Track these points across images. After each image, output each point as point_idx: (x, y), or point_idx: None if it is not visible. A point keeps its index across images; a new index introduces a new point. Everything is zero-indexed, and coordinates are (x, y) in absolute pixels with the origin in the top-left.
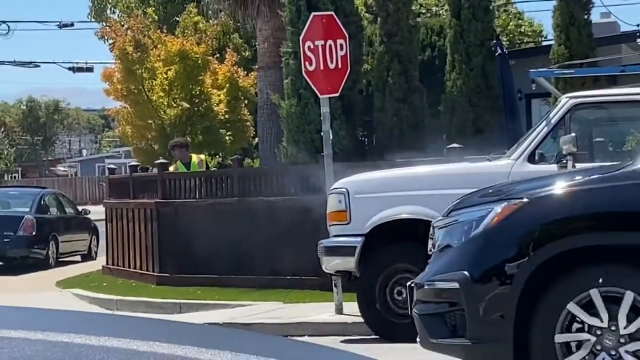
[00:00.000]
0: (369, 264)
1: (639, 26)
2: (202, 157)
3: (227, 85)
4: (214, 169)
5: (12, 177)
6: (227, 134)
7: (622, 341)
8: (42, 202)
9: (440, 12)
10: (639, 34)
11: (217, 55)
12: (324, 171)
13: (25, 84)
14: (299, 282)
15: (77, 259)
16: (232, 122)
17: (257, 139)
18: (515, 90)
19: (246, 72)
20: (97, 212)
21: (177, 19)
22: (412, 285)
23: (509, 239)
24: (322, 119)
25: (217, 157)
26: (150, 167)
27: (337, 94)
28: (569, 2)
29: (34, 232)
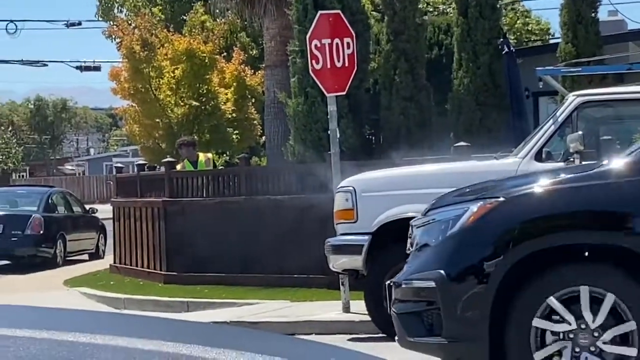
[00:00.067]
0: (376, 262)
1: None
2: (209, 155)
3: (234, 83)
4: (221, 167)
5: (19, 176)
6: (235, 132)
7: (596, 335)
8: (49, 201)
9: (447, 10)
10: None
11: (224, 54)
12: (331, 169)
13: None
14: (306, 280)
15: (85, 257)
16: (239, 121)
17: (264, 138)
18: (522, 88)
19: (253, 70)
20: (104, 211)
21: (185, 17)
22: (390, 284)
23: (485, 238)
24: (329, 117)
25: (225, 155)
26: (157, 166)
27: (344, 93)
28: (576, 1)
29: (41, 231)
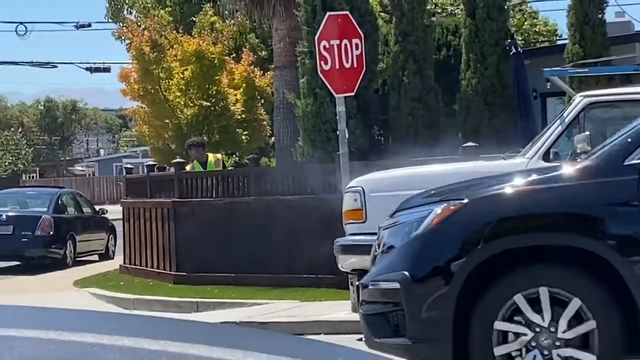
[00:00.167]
0: None
1: None
2: (218, 156)
3: (244, 84)
4: (230, 168)
5: (30, 177)
6: (244, 133)
7: (558, 344)
8: (59, 202)
9: (455, 11)
10: None
11: (234, 55)
12: (340, 170)
13: (42, 84)
14: (315, 280)
15: (95, 258)
16: (249, 122)
17: (273, 138)
18: (529, 89)
19: (262, 71)
20: (114, 212)
21: (194, 19)
22: (358, 285)
23: (448, 240)
24: (337, 118)
25: (234, 156)
26: (167, 167)
27: (353, 93)
28: (583, 2)
29: (51, 232)
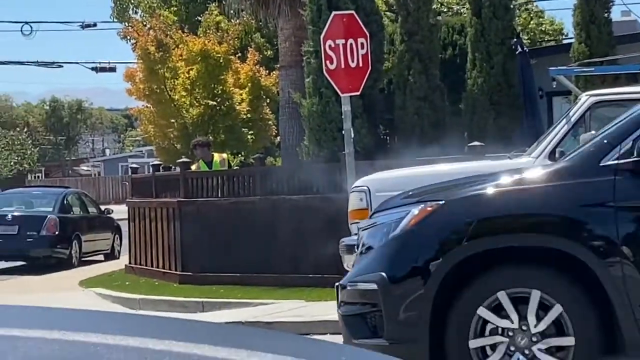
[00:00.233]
0: None
1: None
2: (224, 156)
3: (249, 84)
4: (236, 167)
5: (35, 177)
6: (249, 132)
7: (535, 340)
8: (65, 202)
9: (461, 10)
10: None
11: (239, 54)
12: (346, 169)
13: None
14: (321, 280)
15: (100, 258)
16: (254, 121)
17: (279, 138)
18: (535, 88)
19: (268, 71)
20: (120, 212)
21: (199, 18)
22: (338, 286)
23: (425, 241)
24: (343, 117)
25: (239, 155)
26: (172, 166)
27: (358, 93)
28: (589, 1)
29: (57, 232)
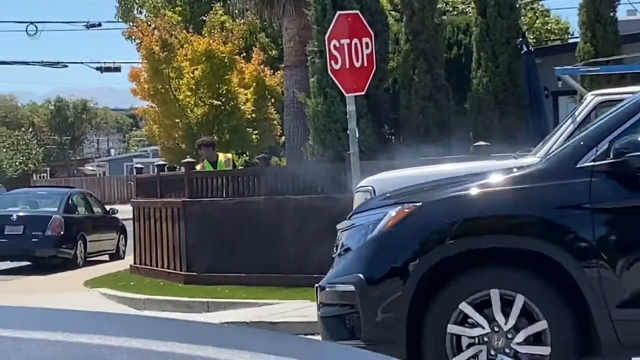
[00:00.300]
0: None
1: None
2: (229, 155)
3: (254, 84)
4: (240, 167)
5: (40, 177)
6: (254, 132)
7: (510, 337)
8: (70, 202)
9: (466, 10)
10: None
11: (244, 54)
12: (350, 169)
13: (53, 84)
14: None
15: (105, 258)
16: (259, 121)
17: (283, 138)
18: (541, 87)
19: (273, 71)
20: (125, 212)
21: (204, 18)
22: (317, 287)
23: (402, 242)
24: (348, 117)
25: (244, 155)
26: (177, 166)
27: (363, 93)
28: (594, 0)
29: (62, 232)
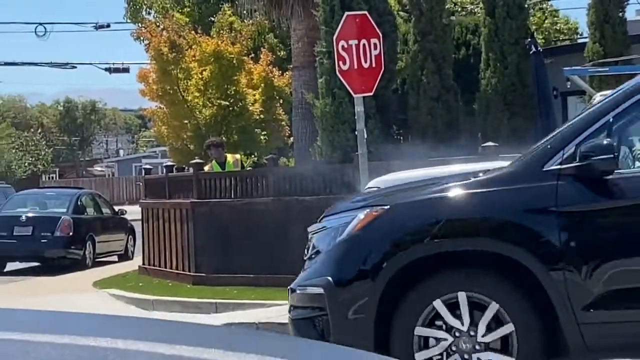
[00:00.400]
0: None
1: None
2: (237, 156)
3: (262, 84)
4: (249, 168)
5: (49, 178)
6: (262, 133)
7: (478, 348)
8: (79, 203)
9: (474, 10)
10: None
11: (252, 55)
12: (359, 170)
13: (62, 85)
14: None
15: (114, 259)
16: (267, 122)
17: (292, 138)
18: (550, 88)
19: (281, 71)
20: (134, 212)
21: (213, 19)
22: (289, 289)
23: (370, 245)
24: (356, 118)
25: (253, 156)
26: (185, 167)
27: (371, 93)
28: (603, 0)
29: (71, 233)
